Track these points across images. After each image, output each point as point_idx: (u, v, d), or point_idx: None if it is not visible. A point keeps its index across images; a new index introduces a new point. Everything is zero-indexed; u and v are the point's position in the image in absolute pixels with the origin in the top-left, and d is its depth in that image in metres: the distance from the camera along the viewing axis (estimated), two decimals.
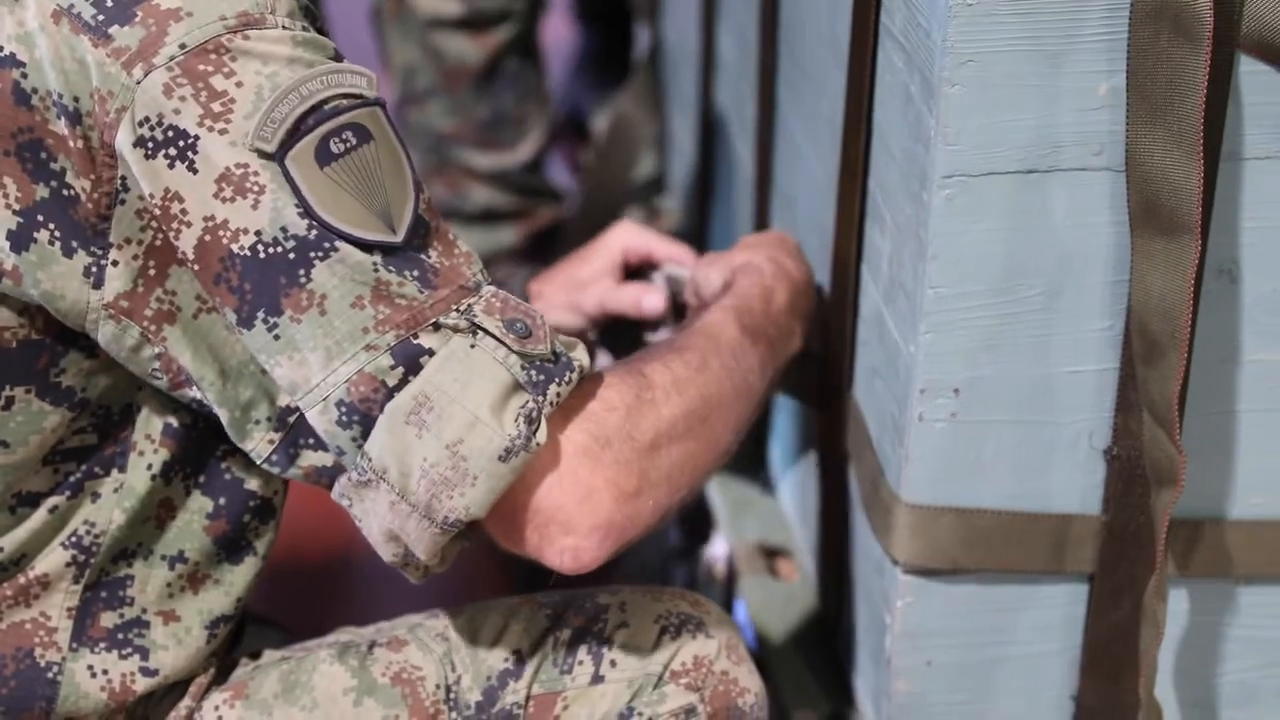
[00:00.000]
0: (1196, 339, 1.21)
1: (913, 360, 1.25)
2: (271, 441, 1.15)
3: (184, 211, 1.09)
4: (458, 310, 1.11)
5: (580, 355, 1.15)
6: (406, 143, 1.14)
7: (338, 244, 1.09)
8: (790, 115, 1.56)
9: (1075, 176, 1.20)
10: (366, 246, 1.10)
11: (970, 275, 1.22)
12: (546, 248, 2.42)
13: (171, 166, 1.08)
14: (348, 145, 1.10)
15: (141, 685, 1.22)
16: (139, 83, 1.08)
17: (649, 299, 1.49)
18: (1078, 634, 1.34)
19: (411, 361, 1.09)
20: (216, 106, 1.08)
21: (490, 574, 2.18)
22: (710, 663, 1.27)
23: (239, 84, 1.08)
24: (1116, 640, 1.32)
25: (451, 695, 1.25)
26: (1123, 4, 1.14)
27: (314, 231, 1.09)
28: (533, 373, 1.11)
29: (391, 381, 1.09)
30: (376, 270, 1.09)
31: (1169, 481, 1.20)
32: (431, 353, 1.10)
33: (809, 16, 1.47)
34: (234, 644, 1.29)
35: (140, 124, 1.08)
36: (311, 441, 1.14)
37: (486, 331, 1.11)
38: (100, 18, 1.09)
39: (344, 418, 1.10)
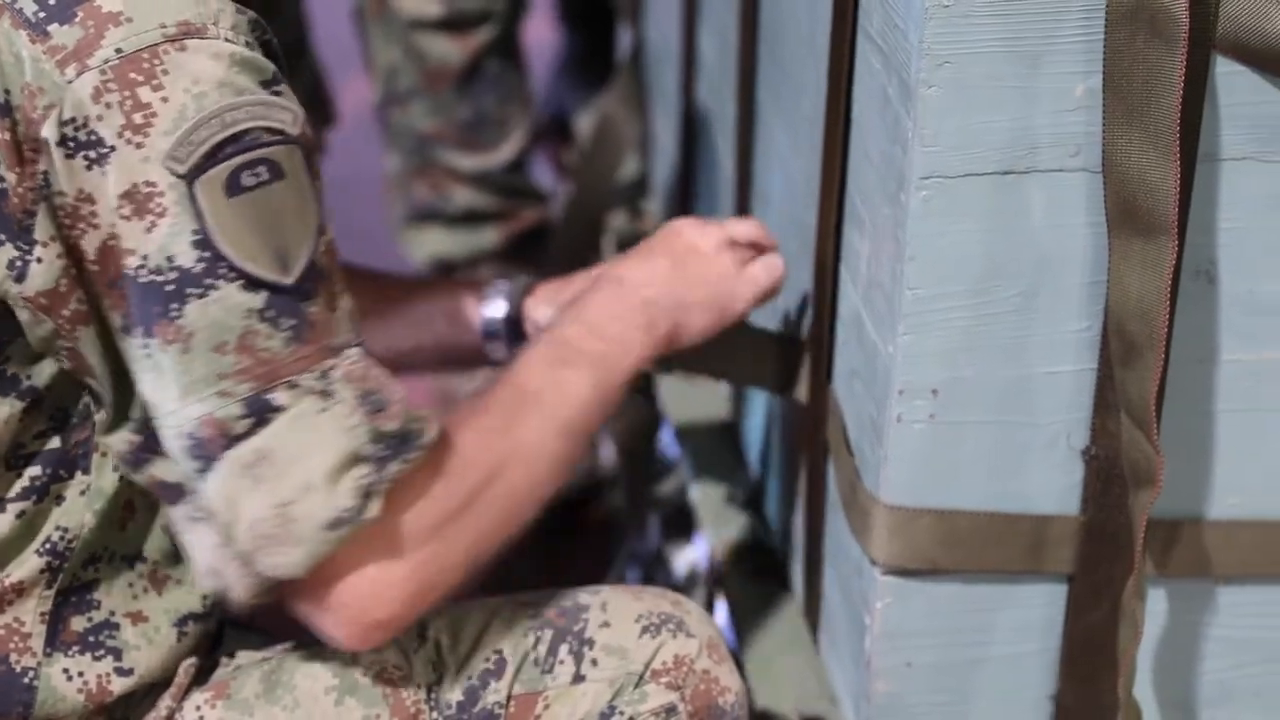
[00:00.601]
0: (1174, 339, 1.21)
1: (891, 361, 1.25)
2: (131, 442, 1.17)
3: (93, 214, 1.10)
4: (318, 372, 1.12)
5: (430, 435, 1.16)
6: (317, 188, 1.14)
7: (219, 283, 1.10)
8: (770, 116, 1.56)
9: (1052, 178, 1.20)
10: (254, 283, 1.11)
11: (948, 276, 1.22)
12: (530, 249, 2.42)
13: (89, 169, 1.10)
14: (259, 179, 1.11)
15: (118, 686, 1.22)
16: (70, 83, 1.09)
17: None
18: (1056, 634, 1.34)
19: (261, 415, 1.11)
20: (138, 119, 1.09)
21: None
22: (691, 662, 1.27)
23: (165, 99, 1.09)
24: (1095, 640, 1.32)
25: (433, 695, 1.25)
26: (1099, 5, 1.14)
27: (200, 265, 1.10)
28: (379, 447, 1.13)
29: (238, 430, 1.11)
30: (249, 317, 1.11)
31: (1147, 482, 1.20)
32: (282, 409, 1.11)
33: (789, 18, 1.47)
34: (215, 646, 1.29)
35: (65, 123, 1.09)
36: (164, 452, 1.16)
37: (341, 397, 1.13)
38: (41, 15, 1.10)
39: (190, 450, 1.12)
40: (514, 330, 1.53)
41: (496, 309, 1.54)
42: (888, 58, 1.22)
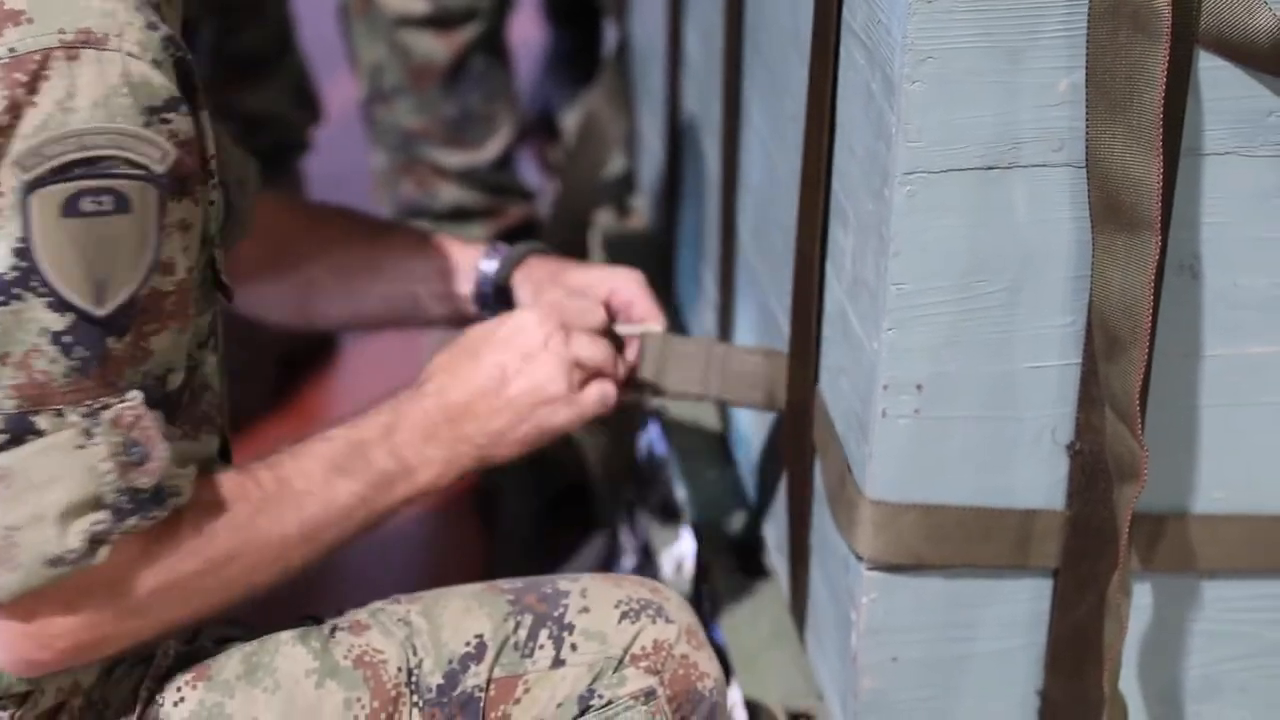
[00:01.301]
0: (1158, 334, 1.21)
1: (876, 357, 1.25)
2: None
3: None
4: (88, 408, 1.12)
5: (181, 500, 1.16)
6: (164, 230, 1.13)
7: (26, 296, 1.10)
8: (755, 113, 1.56)
9: (1036, 173, 1.20)
10: (63, 306, 1.10)
11: (932, 272, 1.22)
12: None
13: None
14: (99, 208, 1.10)
15: (86, 677, 1.23)
16: None
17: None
18: (1042, 629, 1.34)
19: (17, 435, 1.11)
20: (5, 119, 1.08)
21: (457, 560, 2.18)
22: (670, 647, 1.29)
23: (35, 105, 1.08)
24: (1081, 635, 1.32)
25: (413, 678, 1.26)
26: (1082, 0, 1.14)
27: (14, 274, 1.09)
28: (123, 498, 1.13)
29: None
30: (42, 336, 1.10)
31: (1131, 476, 1.20)
32: (40, 434, 1.11)
33: (773, 14, 1.47)
34: (196, 632, 1.29)
35: None
36: None
37: (102, 440, 1.12)
38: None
39: None
40: (500, 293, 1.53)
41: (489, 266, 1.53)
42: (871, 53, 1.22)
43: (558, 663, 1.28)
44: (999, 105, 1.18)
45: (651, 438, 1.92)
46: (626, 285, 1.50)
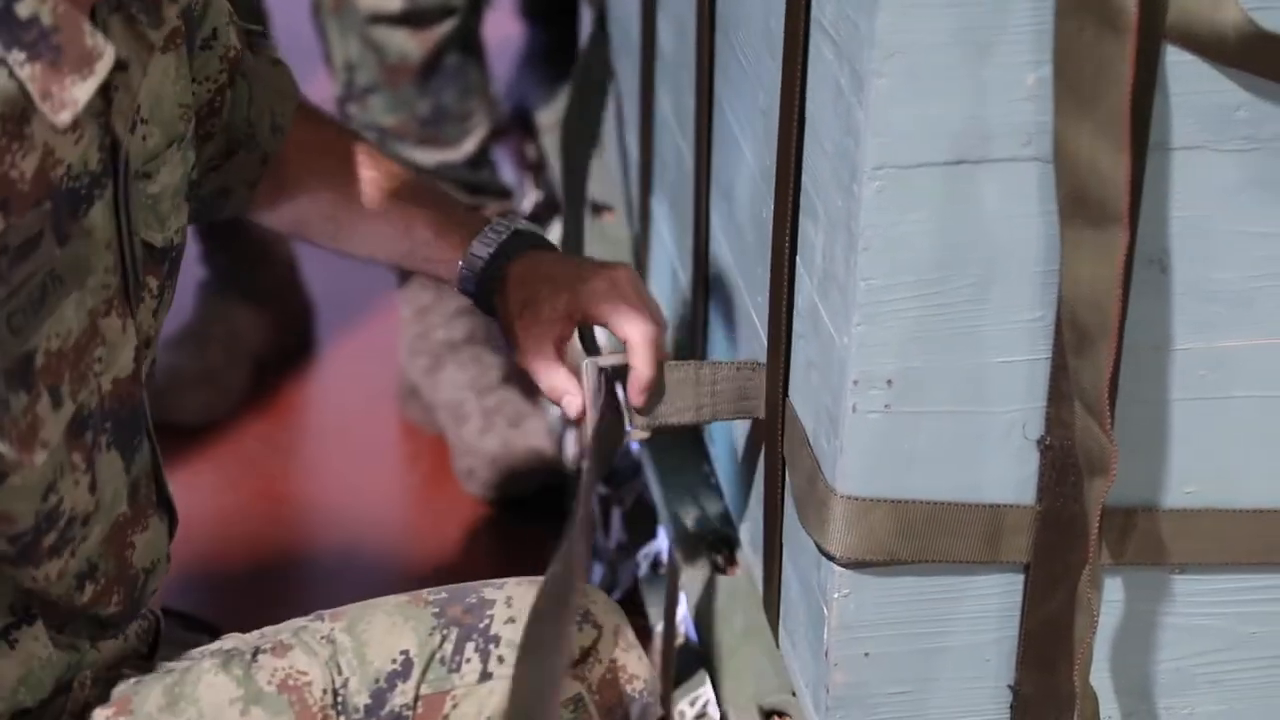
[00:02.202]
0: (1127, 329, 1.21)
1: (846, 352, 1.25)
2: None
3: None
4: None
5: None
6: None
7: None
8: (728, 108, 1.56)
9: (1005, 167, 1.20)
10: None
11: (902, 267, 1.22)
12: None
13: None
14: None
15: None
16: None
17: (569, 400, 1.39)
18: (1014, 624, 1.34)
19: None
20: None
21: (395, 569, 2.17)
22: (596, 652, 1.27)
23: None
24: (1052, 629, 1.33)
25: (339, 699, 1.24)
26: None
27: None
28: None
29: None
30: None
31: (1101, 471, 1.20)
32: None
33: (745, 9, 1.47)
34: (152, 650, 1.28)
35: None
36: None
37: None
38: None
39: None
40: (489, 279, 1.43)
41: (483, 249, 1.43)
42: (840, 48, 1.22)
43: (485, 676, 1.27)
44: (967, 100, 1.18)
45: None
46: (604, 297, 1.40)
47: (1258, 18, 1.14)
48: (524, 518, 2.25)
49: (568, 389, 1.39)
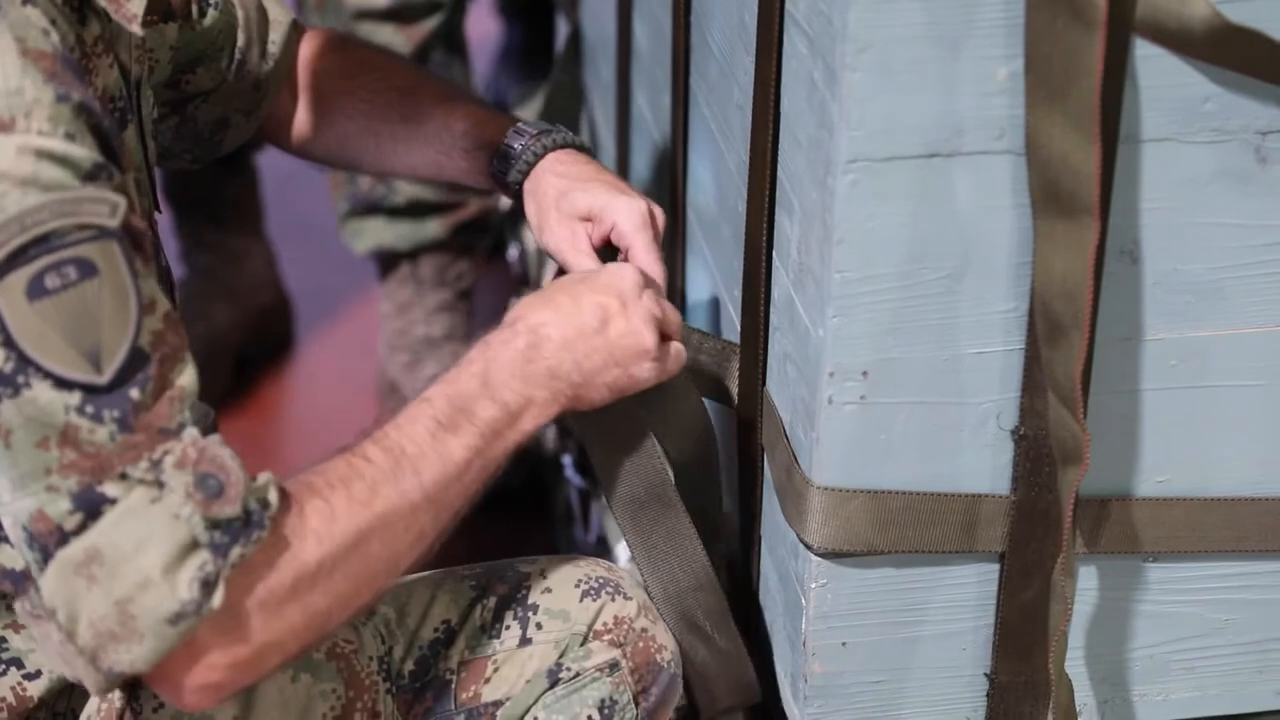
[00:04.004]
0: (1099, 319, 1.23)
1: (822, 344, 1.27)
2: None
3: None
4: (148, 460, 1.07)
5: (273, 507, 1.11)
6: (139, 276, 1.09)
7: (31, 381, 1.05)
8: (703, 104, 1.57)
9: (977, 160, 1.21)
10: (65, 384, 1.06)
11: (876, 259, 1.23)
12: (474, 239, 2.43)
13: None
14: (65, 281, 1.05)
15: (36, 689, 1.22)
16: None
17: None
18: (990, 612, 1.36)
19: (91, 509, 1.07)
20: None
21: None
22: (631, 621, 1.33)
23: None
24: (1028, 617, 1.34)
25: (384, 666, 1.28)
26: None
27: (9, 364, 1.05)
28: (216, 534, 1.08)
29: (68, 526, 1.06)
30: (68, 413, 1.06)
31: (1074, 460, 1.22)
32: (113, 502, 1.07)
33: (719, 5, 1.48)
34: None
35: None
36: (6, 538, 1.13)
37: (174, 486, 1.08)
38: None
39: (28, 541, 1.08)
40: (526, 165, 1.46)
41: (518, 140, 1.46)
42: (813, 43, 1.23)
43: (525, 641, 1.31)
44: (939, 94, 1.19)
45: None
46: (628, 220, 1.41)
47: (1225, 11, 1.15)
48: (503, 510, 2.25)
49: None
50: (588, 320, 1.28)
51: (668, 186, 1.71)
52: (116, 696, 1.24)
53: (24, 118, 1.05)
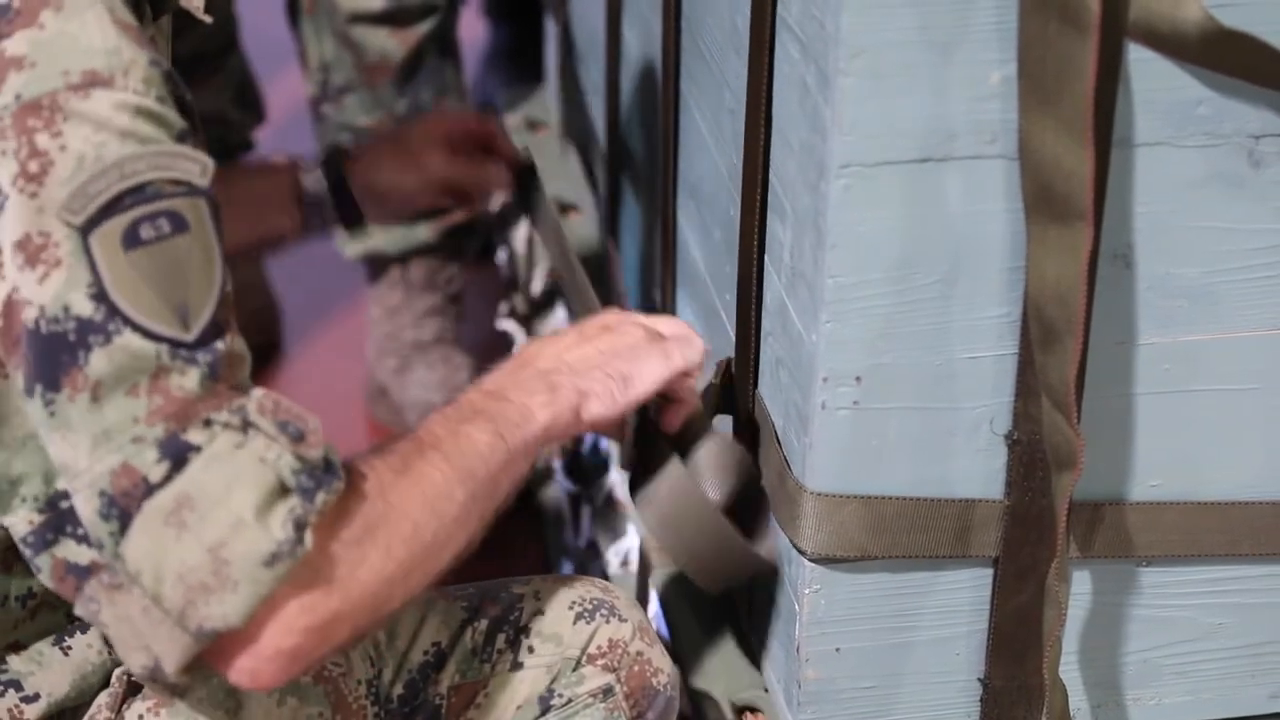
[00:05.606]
0: (1093, 323, 1.23)
1: (815, 349, 1.26)
2: (31, 522, 1.12)
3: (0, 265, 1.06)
4: (232, 407, 1.07)
5: (337, 461, 1.10)
6: (221, 241, 1.10)
7: (123, 329, 1.05)
8: (694, 108, 1.57)
9: (970, 165, 1.21)
10: (154, 338, 1.06)
11: (869, 264, 1.23)
12: (464, 243, 2.42)
13: None
14: (159, 233, 1.06)
15: (33, 712, 1.20)
16: None
17: (496, 171, 1.62)
18: (984, 617, 1.35)
19: (178, 457, 1.05)
20: (34, 167, 1.04)
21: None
22: (625, 644, 1.30)
23: (63, 147, 1.04)
24: (1021, 622, 1.34)
25: (373, 690, 1.26)
26: None
27: (100, 314, 1.05)
28: (303, 477, 1.07)
29: (155, 477, 1.05)
30: (159, 359, 1.06)
31: (1068, 465, 1.21)
32: (198, 449, 1.06)
33: (711, 8, 1.48)
34: None
35: None
36: (79, 533, 1.11)
37: (259, 429, 1.07)
38: None
39: (104, 509, 1.06)
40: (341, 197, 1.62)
41: (315, 182, 1.61)
42: (806, 47, 1.23)
43: (516, 665, 1.29)
44: (932, 98, 1.18)
45: (594, 435, 1.93)
46: (458, 118, 1.60)
47: (1218, 15, 1.15)
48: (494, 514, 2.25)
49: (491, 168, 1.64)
50: (570, 341, 1.30)
51: (658, 191, 1.71)
52: (103, 716, 1.22)
53: (122, 75, 1.07)
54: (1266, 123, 1.22)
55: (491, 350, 2.26)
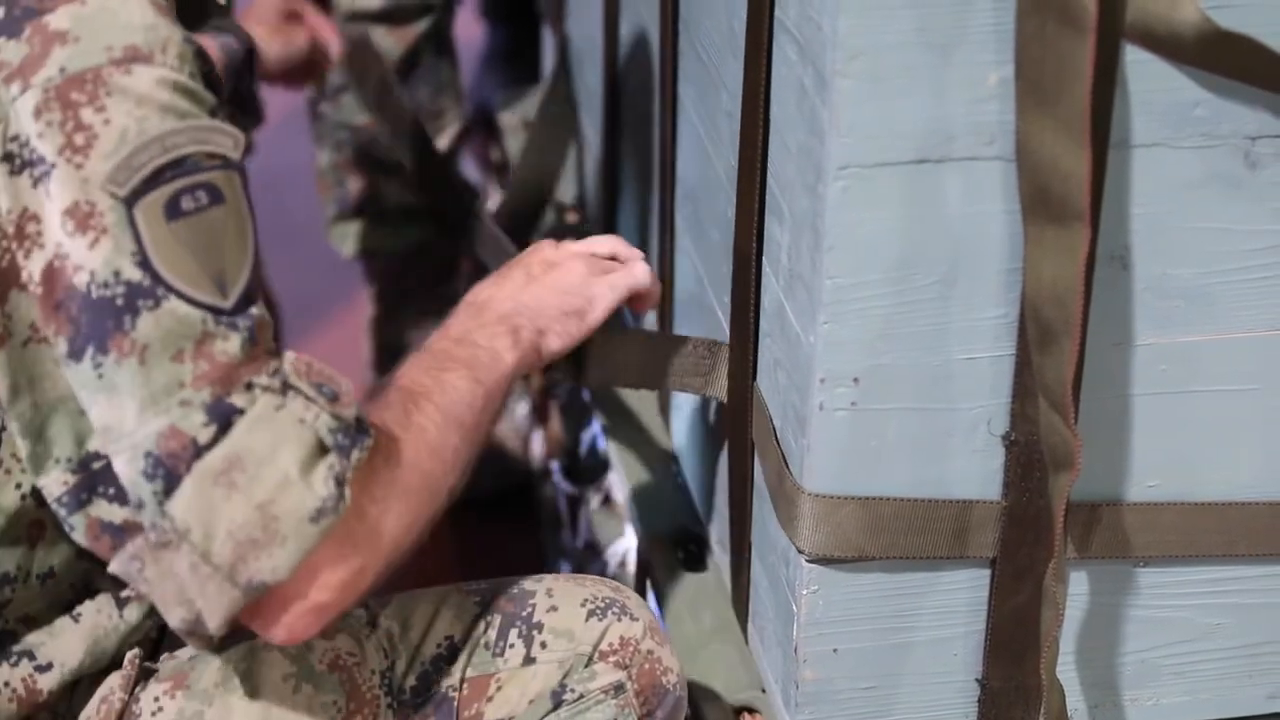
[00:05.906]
0: (1090, 324, 1.23)
1: (812, 350, 1.26)
2: (65, 483, 1.15)
3: (39, 233, 1.10)
4: (270, 369, 1.12)
5: (365, 418, 1.15)
6: (253, 212, 1.15)
7: (167, 296, 1.10)
8: (691, 109, 1.57)
9: (968, 166, 1.21)
10: (197, 305, 1.11)
11: (867, 265, 1.23)
12: (458, 241, 2.42)
13: (34, 187, 1.10)
14: (198, 204, 1.11)
15: (46, 681, 1.22)
16: (14, 100, 1.09)
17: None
18: (981, 618, 1.36)
19: (224, 420, 1.10)
20: (79, 139, 1.09)
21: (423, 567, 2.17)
22: (636, 643, 1.31)
23: (106, 121, 1.09)
24: (1019, 623, 1.34)
25: (386, 680, 1.28)
26: None
27: (146, 280, 1.10)
28: (340, 436, 1.12)
29: (203, 439, 1.09)
30: (205, 324, 1.10)
31: (1065, 465, 1.22)
32: (242, 411, 1.10)
33: (708, 10, 1.48)
34: (156, 646, 1.29)
35: (10, 140, 1.09)
36: (111, 492, 1.14)
37: (298, 391, 1.12)
38: None
39: (149, 469, 1.09)
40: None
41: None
42: (803, 49, 1.23)
43: (529, 660, 1.30)
44: (930, 99, 1.19)
45: (594, 434, 1.93)
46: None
47: (1215, 17, 1.15)
48: (489, 518, 2.25)
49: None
50: (517, 279, 1.39)
51: (656, 192, 1.71)
52: (116, 698, 1.23)
53: (160, 52, 1.11)
54: (1263, 124, 1.22)
55: None
